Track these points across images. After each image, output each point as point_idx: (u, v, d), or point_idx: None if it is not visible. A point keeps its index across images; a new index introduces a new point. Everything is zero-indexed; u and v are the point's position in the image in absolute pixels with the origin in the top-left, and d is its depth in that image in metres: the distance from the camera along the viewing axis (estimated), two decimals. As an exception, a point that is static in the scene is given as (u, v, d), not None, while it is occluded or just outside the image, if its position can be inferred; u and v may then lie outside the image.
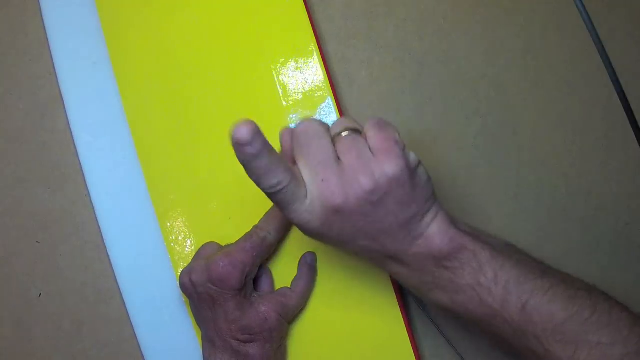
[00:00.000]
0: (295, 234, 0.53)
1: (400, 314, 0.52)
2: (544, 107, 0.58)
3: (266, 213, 0.52)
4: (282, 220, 0.51)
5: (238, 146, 0.38)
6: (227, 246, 0.50)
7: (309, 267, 0.52)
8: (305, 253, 0.52)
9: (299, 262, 0.52)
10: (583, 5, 0.59)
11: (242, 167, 0.40)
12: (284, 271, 0.53)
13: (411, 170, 0.41)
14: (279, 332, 0.49)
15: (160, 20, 0.55)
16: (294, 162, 0.43)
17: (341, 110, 0.54)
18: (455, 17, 0.58)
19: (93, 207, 0.53)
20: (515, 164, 0.57)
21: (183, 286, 0.49)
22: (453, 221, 0.44)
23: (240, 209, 0.53)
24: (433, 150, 0.56)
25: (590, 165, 0.57)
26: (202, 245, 0.52)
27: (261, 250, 0.49)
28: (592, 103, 0.58)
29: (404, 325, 0.51)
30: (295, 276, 0.52)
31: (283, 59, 0.55)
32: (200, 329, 0.50)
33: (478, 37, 0.58)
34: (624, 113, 0.58)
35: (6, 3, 0.56)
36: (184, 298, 0.52)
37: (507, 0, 0.59)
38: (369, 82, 0.57)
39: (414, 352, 0.51)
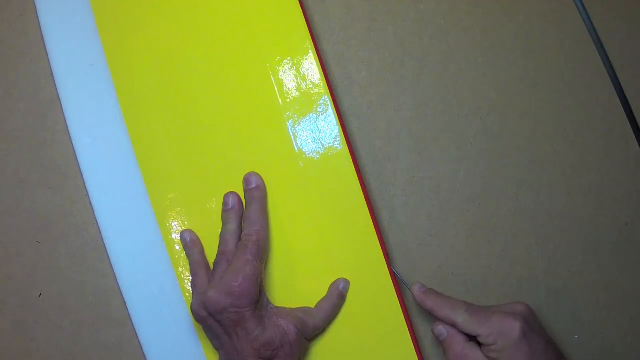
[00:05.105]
0: (286, 234, 0.53)
1: (402, 314, 0.52)
2: (544, 107, 0.58)
3: (245, 219, 0.51)
4: (264, 216, 0.51)
5: None
6: (218, 269, 0.50)
7: (339, 293, 0.52)
8: (340, 278, 0.52)
9: (331, 285, 0.52)
10: (583, 5, 0.59)
11: (240, 166, 0.40)
12: (283, 267, 0.53)
13: None
14: (299, 348, 0.49)
15: (156, 21, 0.55)
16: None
17: (338, 108, 0.54)
18: (455, 17, 0.58)
19: (92, 207, 0.53)
20: (515, 164, 0.57)
21: (201, 320, 0.48)
22: None
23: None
24: (433, 150, 0.56)
25: (590, 165, 0.57)
26: (192, 278, 0.51)
27: (261, 254, 0.49)
28: (592, 103, 0.58)
29: (406, 326, 0.51)
30: (323, 297, 0.52)
31: (279, 57, 0.55)
32: (219, 353, 0.50)
33: (478, 37, 0.58)
34: (624, 113, 0.58)
35: (6, 3, 0.56)
36: (185, 297, 0.52)
37: (507, 0, 0.59)
38: (369, 82, 0.57)
39: (416, 352, 0.51)
